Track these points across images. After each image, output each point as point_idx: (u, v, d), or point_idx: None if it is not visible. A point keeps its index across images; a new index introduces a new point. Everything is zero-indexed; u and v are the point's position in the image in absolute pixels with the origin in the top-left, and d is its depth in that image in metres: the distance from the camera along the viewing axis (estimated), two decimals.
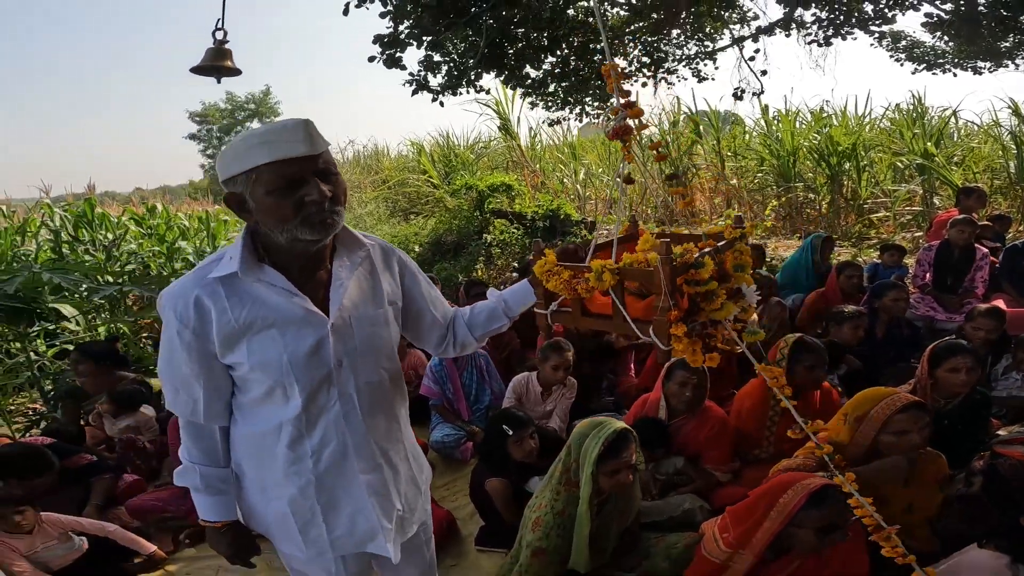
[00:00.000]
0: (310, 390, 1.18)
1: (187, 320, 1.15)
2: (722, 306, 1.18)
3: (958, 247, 4.19)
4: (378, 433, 1.28)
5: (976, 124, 8.47)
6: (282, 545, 1.35)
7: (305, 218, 1.10)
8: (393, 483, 1.32)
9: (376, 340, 1.26)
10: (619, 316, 1.20)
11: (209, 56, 2.72)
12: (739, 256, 1.27)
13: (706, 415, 2.56)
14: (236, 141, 1.12)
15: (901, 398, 1.98)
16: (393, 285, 1.34)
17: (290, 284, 1.17)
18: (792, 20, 6.22)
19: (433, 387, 3.37)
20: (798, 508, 1.67)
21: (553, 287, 1.28)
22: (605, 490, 1.90)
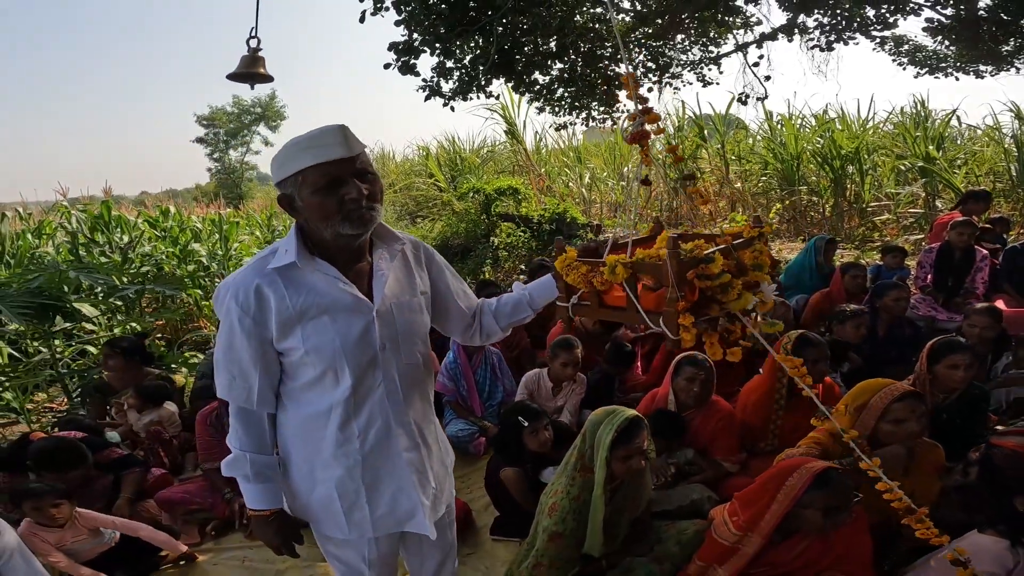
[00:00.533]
0: (359, 372, 1.28)
1: (248, 307, 1.24)
2: (739, 296, 1.25)
3: (958, 249, 4.28)
4: (415, 412, 1.38)
5: (979, 128, 8.56)
6: (325, 528, 1.42)
7: (346, 215, 1.20)
8: (428, 461, 1.42)
9: (414, 326, 1.37)
10: (632, 307, 1.29)
11: (244, 63, 2.84)
12: (758, 256, 1.35)
13: (713, 409, 2.65)
14: (284, 147, 1.23)
15: (898, 387, 2.07)
16: (423, 277, 1.45)
17: (340, 274, 1.27)
18: (795, 25, 6.31)
19: (448, 384, 3.47)
20: (804, 489, 1.76)
21: (572, 281, 1.38)
22: (618, 475, 1.99)
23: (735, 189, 9.31)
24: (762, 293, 1.32)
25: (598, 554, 2.08)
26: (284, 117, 29.43)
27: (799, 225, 8.14)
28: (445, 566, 1.67)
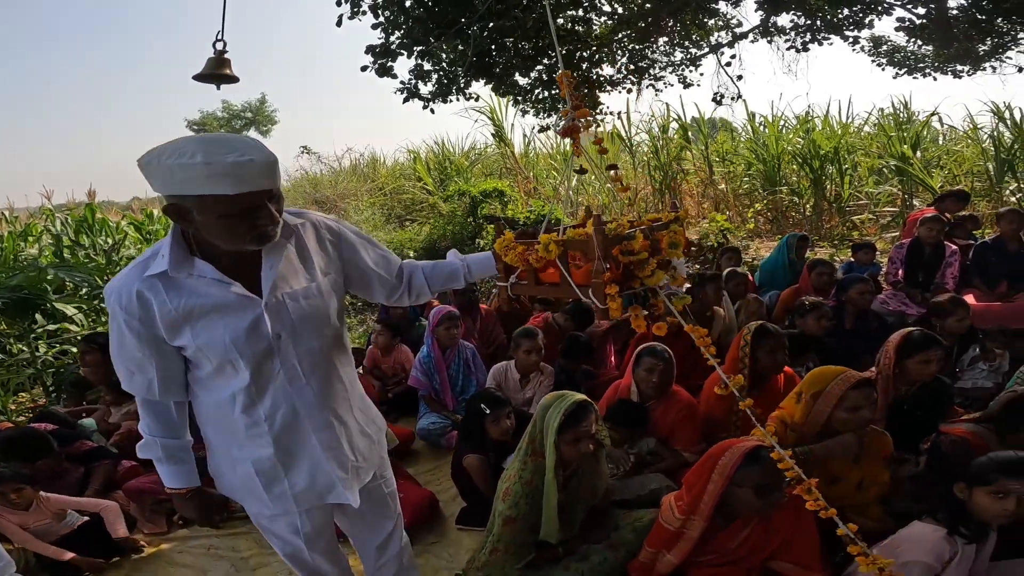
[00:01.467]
0: (254, 363, 1.32)
1: (132, 311, 1.27)
2: (652, 273, 1.36)
3: (928, 244, 4.36)
4: (324, 394, 1.43)
5: (958, 128, 8.68)
6: (251, 505, 1.49)
7: (255, 237, 1.22)
8: (344, 437, 1.47)
9: (311, 310, 1.39)
10: (565, 282, 1.39)
11: (210, 65, 2.92)
12: (673, 235, 1.44)
13: (674, 399, 2.71)
14: (189, 162, 1.11)
15: (853, 375, 2.13)
16: (327, 258, 1.46)
17: (220, 274, 1.28)
18: (769, 26, 6.41)
19: (421, 379, 3.53)
20: (736, 468, 1.82)
21: (511, 260, 1.47)
22: (568, 459, 2.04)
23: (719, 190, 9.41)
24: (674, 270, 1.43)
25: (555, 540, 2.12)
26: (275, 121, 29.53)
27: (780, 224, 8.24)
28: (392, 540, 1.74)
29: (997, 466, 1.74)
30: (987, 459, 1.80)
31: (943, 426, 2.41)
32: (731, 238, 7.20)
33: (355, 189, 13.86)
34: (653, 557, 2.05)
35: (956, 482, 1.84)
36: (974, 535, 1.79)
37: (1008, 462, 1.74)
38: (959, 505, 1.81)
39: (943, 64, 7.18)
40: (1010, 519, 1.74)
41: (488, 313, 4.33)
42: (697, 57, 7.12)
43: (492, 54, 5.58)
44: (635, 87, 7.43)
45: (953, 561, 1.76)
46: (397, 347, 3.99)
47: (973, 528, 1.78)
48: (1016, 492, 1.70)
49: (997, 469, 1.73)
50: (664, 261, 1.40)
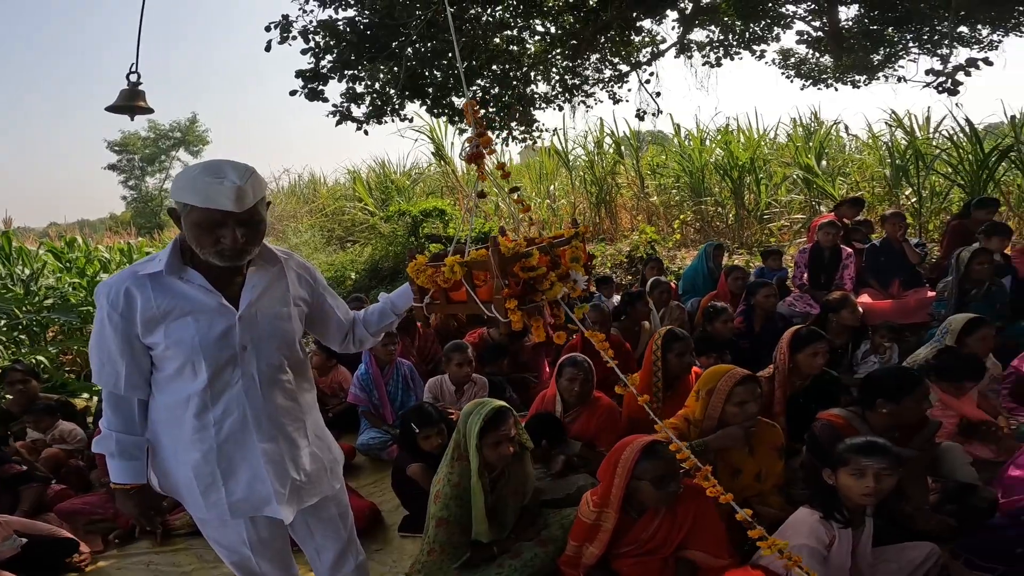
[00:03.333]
0: (215, 367, 1.46)
1: (117, 305, 1.43)
2: (552, 286, 1.52)
3: (827, 248, 4.79)
4: (276, 409, 1.55)
5: (862, 137, 9.43)
6: (190, 507, 1.59)
7: (217, 252, 1.40)
8: (289, 454, 1.57)
9: (278, 330, 1.56)
10: (471, 300, 1.53)
11: (124, 96, 2.97)
12: (575, 251, 1.62)
13: (596, 405, 2.91)
14: (189, 173, 1.38)
15: (738, 372, 2.37)
16: (301, 292, 1.65)
17: (207, 282, 1.47)
18: (685, 42, 6.82)
19: (360, 395, 3.61)
20: (635, 462, 1.98)
21: (422, 283, 1.61)
22: (492, 462, 2.19)
23: (651, 202, 9.87)
24: (572, 282, 1.59)
25: (486, 540, 2.26)
26: (207, 142, 28.55)
27: (706, 234, 8.72)
28: (346, 560, 1.82)
29: (851, 447, 1.91)
30: (846, 444, 1.95)
31: (821, 413, 2.66)
32: (659, 249, 7.58)
33: (294, 211, 13.67)
34: (578, 550, 2.19)
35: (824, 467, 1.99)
36: (848, 520, 1.90)
37: (861, 443, 1.91)
38: (830, 490, 1.94)
39: (842, 75, 7.69)
40: (875, 497, 1.87)
41: (426, 332, 4.45)
42: (624, 74, 7.51)
43: (425, 75, 5.74)
44: (567, 103, 7.75)
45: (834, 544, 1.88)
46: (335, 368, 4.05)
47: (846, 512, 1.90)
48: (871, 468, 1.83)
49: (852, 450, 1.89)
50: (563, 274, 1.56)
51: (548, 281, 1.52)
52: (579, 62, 7.44)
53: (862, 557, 1.97)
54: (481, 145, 1.62)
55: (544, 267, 1.52)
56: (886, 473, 1.85)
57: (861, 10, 6.82)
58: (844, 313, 3.65)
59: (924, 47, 7.04)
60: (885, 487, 1.86)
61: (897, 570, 2.03)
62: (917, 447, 2.39)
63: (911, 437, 2.41)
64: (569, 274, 1.59)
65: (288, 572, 1.77)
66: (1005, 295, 4.02)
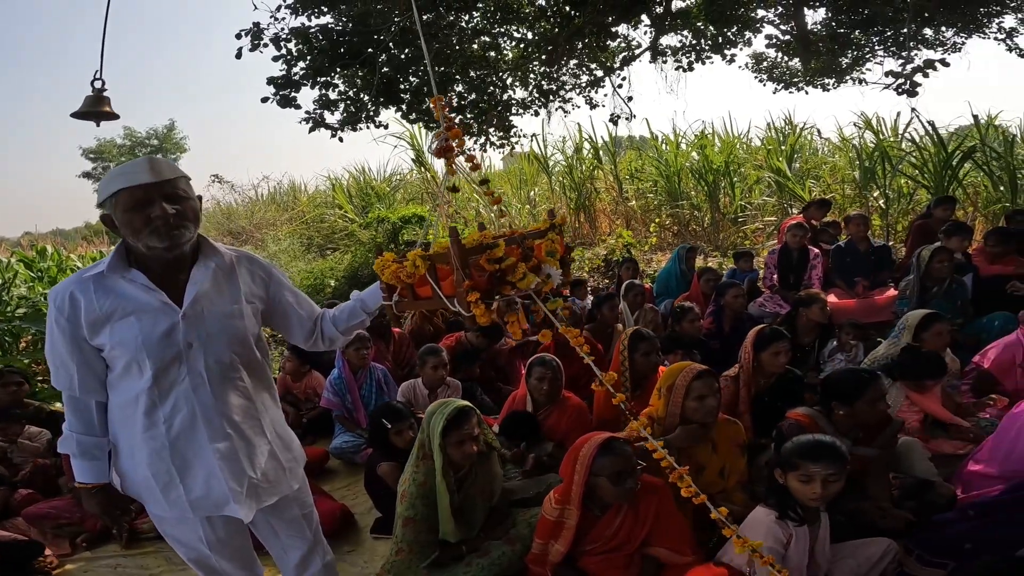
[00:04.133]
0: (160, 365, 1.48)
1: (63, 309, 1.46)
2: (524, 276, 1.47)
3: (795, 249, 4.90)
4: (228, 406, 1.56)
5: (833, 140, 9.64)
6: (151, 506, 1.59)
7: (152, 230, 1.42)
8: (245, 452, 1.58)
9: (228, 328, 1.56)
10: (436, 295, 1.52)
11: (88, 103, 2.97)
12: (550, 244, 1.60)
13: (565, 405, 2.95)
14: (106, 175, 1.47)
15: (695, 367, 2.41)
16: (253, 288, 1.66)
17: (149, 281, 1.48)
18: (657, 47, 6.92)
19: (333, 399, 3.62)
20: (593, 458, 2.00)
21: (387, 279, 1.60)
22: (456, 461, 2.22)
23: (629, 206, 9.98)
24: (545, 275, 1.56)
25: (453, 539, 2.28)
26: (185, 149, 28.33)
27: (683, 237, 8.84)
28: (312, 560, 1.83)
29: (798, 451, 1.85)
30: (791, 444, 1.91)
31: (789, 412, 2.72)
32: (636, 252, 7.67)
33: (273, 219, 13.57)
34: (544, 548, 2.21)
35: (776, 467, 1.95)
36: (803, 518, 1.87)
37: (807, 446, 1.85)
38: (784, 490, 1.91)
39: (812, 78, 7.83)
40: (822, 501, 1.84)
41: (401, 336, 4.46)
42: (599, 79, 7.59)
43: (400, 81, 5.77)
44: (544, 108, 7.81)
45: (791, 543, 1.86)
46: (308, 373, 4.05)
47: (801, 511, 1.87)
48: (818, 475, 1.79)
49: (799, 454, 1.84)
50: (535, 266, 1.53)
51: (519, 272, 1.48)
52: (555, 67, 7.51)
53: (820, 554, 1.98)
54: (450, 138, 1.61)
55: (514, 258, 1.48)
56: (833, 479, 1.82)
57: (828, 14, 6.98)
58: (814, 308, 3.73)
59: (889, 50, 7.22)
60: (832, 492, 1.85)
61: (855, 566, 2.04)
62: (879, 446, 2.42)
63: (874, 436, 2.44)
64: (541, 267, 1.56)
65: (250, 571, 1.78)
66: (966, 292, 4.13)
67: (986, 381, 3.32)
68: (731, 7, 6.63)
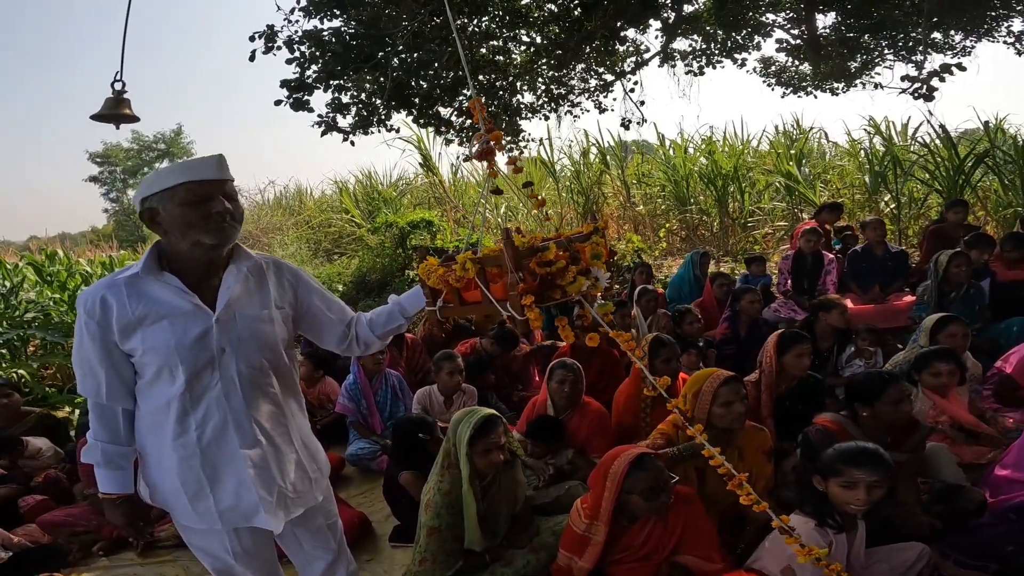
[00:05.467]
0: (193, 371, 1.45)
1: (93, 313, 1.43)
2: (574, 279, 1.41)
3: (809, 254, 4.87)
4: (259, 413, 1.53)
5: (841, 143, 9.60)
6: (179, 516, 1.56)
7: (210, 226, 1.41)
8: (274, 460, 1.55)
9: (259, 333, 1.54)
10: (486, 299, 1.47)
11: (109, 105, 2.95)
12: (595, 247, 1.54)
13: (586, 409, 2.92)
14: (158, 170, 1.45)
15: (722, 373, 2.38)
16: (283, 293, 1.63)
17: (183, 285, 1.46)
18: (668, 51, 6.92)
19: (348, 404, 3.59)
20: (625, 474, 1.96)
21: (433, 284, 1.55)
22: (482, 470, 2.19)
23: (637, 211, 9.96)
24: (594, 278, 1.50)
25: (479, 548, 2.25)
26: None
27: (691, 242, 8.81)
28: (336, 570, 1.80)
29: (842, 457, 1.83)
30: (833, 450, 1.88)
31: (816, 418, 2.69)
32: (645, 257, 7.64)
33: (280, 223, 13.58)
34: (569, 561, 2.16)
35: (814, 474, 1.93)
36: (841, 525, 1.85)
37: (851, 452, 1.83)
38: (822, 497, 1.89)
39: (820, 82, 7.83)
40: (864, 507, 1.82)
41: (414, 342, 4.44)
42: (609, 83, 7.59)
43: (411, 86, 5.77)
44: (553, 113, 7.81)
45: (831, 551, 1.82)
46: (322, 379, 4.02)
47: (839, 518, 1.85)
48: (862, 481, 1.78)
49: (842, 460, 1.82)
50: (584, 269, 1.45)
51: (569, 275, 1.41)
52: (564, 72, 7.51)
53: (855, 559, 1.96)
54: (492, 141, 1.58)
55: (563, 261, 1.42)
56: (877, 485, 1.81)
57: (838, 18, 6.98)
58: (834, 313, 3.70)
59: (899, 54, 7.22)
60: (876, 498, 1.82)
61: (889, 571, 2.03)
62: (908, 451, 2.40)
63: (903, 440, 2.42)
64: (590, 270, 1.48)
65: None
66: (983, 297, 4.10)
67: (1008, 386, 3.28)
68: (740, 12, 6.64)
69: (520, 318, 1.39)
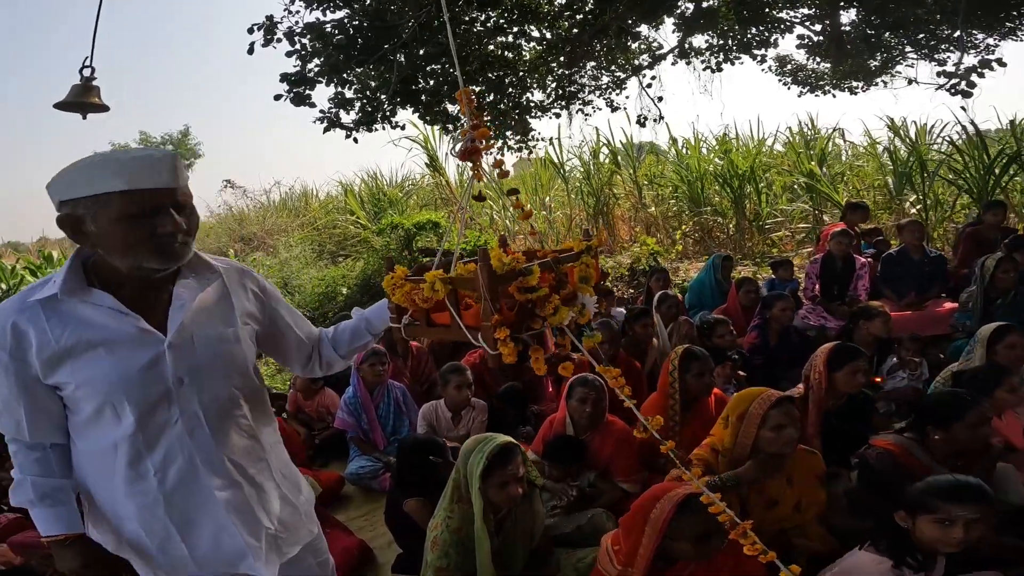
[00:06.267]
0: (144, 408, 1.18)
1: (3, 344, 1.15)
2: (556, 311, 1.22)
3: (839, 258, 4.58)
4: (233, 450, 1.28)
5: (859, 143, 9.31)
6: (145, 568, 1.30)
7: (156, 247, 1.13)
8: (258, 501, 1.30)
9: (224, 356, 1.27)
10: (455, 324, 1.24)
11: (75, 92, 2.68)
12: (584, 268, 1.33)
13: (609, 429, 2.65)
14: (85, 163, 1.13)
15: (773, 394, 2.12)
16: (249, 307, 1.36)
17: (120, 304, 1.18)
18: (685, 47, 6.69)
19: (348, 419, 3.34)
20: (668, 520, 1.69)
21: (398, 300, 1.31)
22: (497, 504, 1.92)
23: (649, 213, 9.68)
24: (580, 305, 1.29)
25: None
26: (199, 155, 28.19)
27: (706, 245, 8.53)
28: None
29: (937, 491, 1.65)
30: (927, 484, 1.69)
31: (872, 439, 2.45)
32: (661, 260, 7.37)
33: (285, 224, 13.40)
34: None
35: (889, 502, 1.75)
36: (922, 565, 1.68)
37: (950, 487, 1.65)
38: (903, 534, 1.70)
39: (839, 81, 7.65)
40: (962, 546, 1.64)
41: (419, 350, 4.17)
42: (622, 80, 7.35)
43: (417, 80, 5.53)
44: (564, 111, 7.57)
45: None
46: (321, 391, 3.78)
47: (920, 557, 1.67)
48: (961, 519, 1.60)
49: (938, 495, 1.63)
50: (569, 296, 1.27)
51: (551, 306, 1.23)
52: (575, 69, 7.29)
53: None
54: (477, 139, 1.33)
55: (546, 288, 1.23)
56: (977, 522, 1.59)
57: (859, 15, 6.77)
58: (877, 322, 3.42)
59: (921, 52, 7.00)
60: (974, 536, 1.61)
61: None
62: (979, 473, 2.15)
63: (975, 463, 2.20)
64: (576, 296, 1.30)
65: None
66: None
67: None
68: (760, 7, 6.41)
69: (492, 352, 1.18)
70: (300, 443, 3.42)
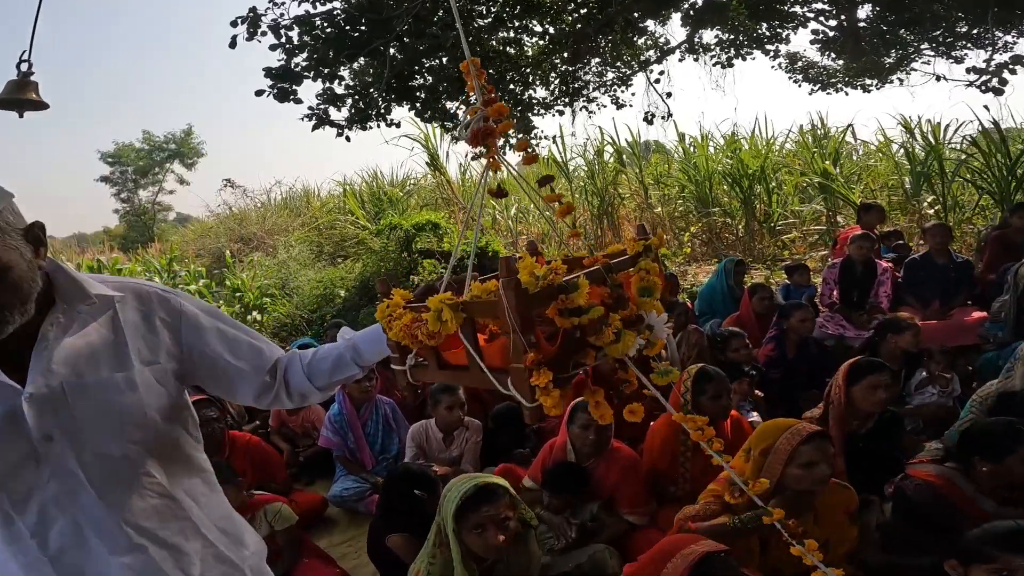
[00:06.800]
0: (2, 469, 0.95)
1: None
2: (617, 338, 0.88)
3: (860, 263, 4.31)
4: (132, 512, 1.03)
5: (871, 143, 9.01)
6: None
7: None
8: (173, 564, 1.07)
9: (111, 408, 1.02)
10: (475, 367, 0.93)
11: (9, 89, 2.43)
12: (645, 276, 0.98)
13: (615, 456, 2.41)
14: None
15: (805, 428, 1.88)
16: (155, 342, 1.10)
17: None
18: (695, 42, 6.46)
19: (332, 438, 3.12)
20: None
21: (395, 336, 1.00)
22: (475, 550, 1.68)
23: (655, 213, 9.42)
24: (649, 330, 0.94)
25: None
26: (202, 154, 28.04)
27: (716, 247, 8.26)
28: None
29: (997, 541, 1.51)
30: (983, 532, 1.57)
31: (909, 469, 2.21)
32: (669, 264, 7.12)
33: (285, 224, 13.19)
34: None
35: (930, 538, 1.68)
36: None
37: (1011, 536, 1.52)
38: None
39: (853, 78, 7.44)
40: None
41: None
42: (628, 76, 7.12)
43: (413, 76, 5.30)
44: (568, 108, 7.34)
45: None
46: None
47: None
48: None
49: (997, 544, 1.50)
50: (632, 318, 0.92)
51: (609, 331, 0.88)
52: (580, 65, 7.06)
53: None
54: (491, 116, 1.04)
55: (601, 308, 0.88)
56: None
57: (875, 11, 6.55)
58: (907, 335, 3.17)
59: (939, 49, 6.77)
60: None
61: None
62: None
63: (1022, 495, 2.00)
64: (642, 317, 0.94)
65: None
66: None
67: None
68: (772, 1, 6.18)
69: (529, 405, 0.86)
70: (281, 462, 3.21)
